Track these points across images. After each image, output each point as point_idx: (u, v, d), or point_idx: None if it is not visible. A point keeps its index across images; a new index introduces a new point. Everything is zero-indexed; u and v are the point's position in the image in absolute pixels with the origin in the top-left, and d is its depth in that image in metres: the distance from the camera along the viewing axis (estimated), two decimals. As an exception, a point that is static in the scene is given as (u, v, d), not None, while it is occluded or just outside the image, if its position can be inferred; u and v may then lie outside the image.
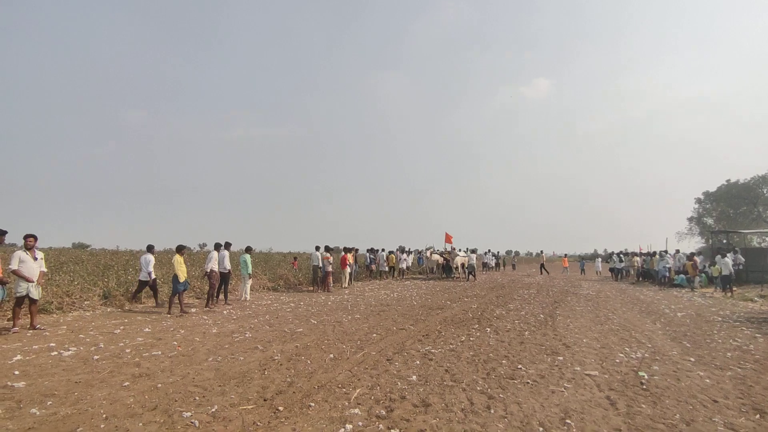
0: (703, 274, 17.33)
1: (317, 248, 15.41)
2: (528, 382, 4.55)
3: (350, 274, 17.19)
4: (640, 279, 21.22)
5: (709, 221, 47.79)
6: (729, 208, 45.65)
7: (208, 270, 10.40)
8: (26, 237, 6.98)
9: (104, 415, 3.50)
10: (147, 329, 7.31)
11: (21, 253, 6.80)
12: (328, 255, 15.18)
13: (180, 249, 9.81)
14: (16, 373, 4.64)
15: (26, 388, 4.16)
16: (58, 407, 3.67)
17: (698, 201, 49.60)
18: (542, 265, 29.34)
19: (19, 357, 5.28)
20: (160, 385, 4.30)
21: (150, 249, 10.56)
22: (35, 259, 6.94)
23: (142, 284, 10.24)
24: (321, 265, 15.05)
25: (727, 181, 46.10)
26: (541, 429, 3.37)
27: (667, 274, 18.13)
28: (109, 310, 9.60)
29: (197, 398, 3.95)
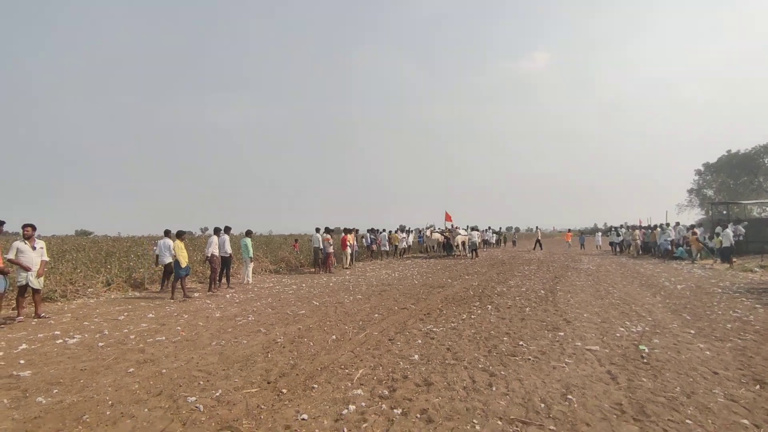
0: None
1: (317, 230, 15.41)
2: (529, 359, 4.58)
3: (351, 254, 17.24)
4: (640, 253, 21.26)
5: (709, 193, 47.67)
6: (729, 179, 45.45)
7: (209, 255, 10.41)
8: (24, 227, 6.95)
9: (110, 402, 3.54)
10: (151, 315, 7.35)
11: (19, 243, 6.79)
12: (329, 236, 15.18)
13: (180, 234, 9.80)
14: (22, 362, 4.67)
15: (32, 376, 4.20)
16: (64, 395, 3.70)
17: (698, 173, 49.35)
18: (538, 241, 29.36)
19: (24, 346, 5.31)
20: (164, 371, 4.34)
21: (167, 233, 10.58)
22: (34, 248, 6.92)
23: (169, 267, 10.35)
24: (322, 246, 15.07)
25: (728, 151, 45.75)
26: (542, 405, 3.40)
27: (669, 247, 18.16)
28: (113, 296, 9.66)
29: (201, 383, 3.99)
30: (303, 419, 3.18)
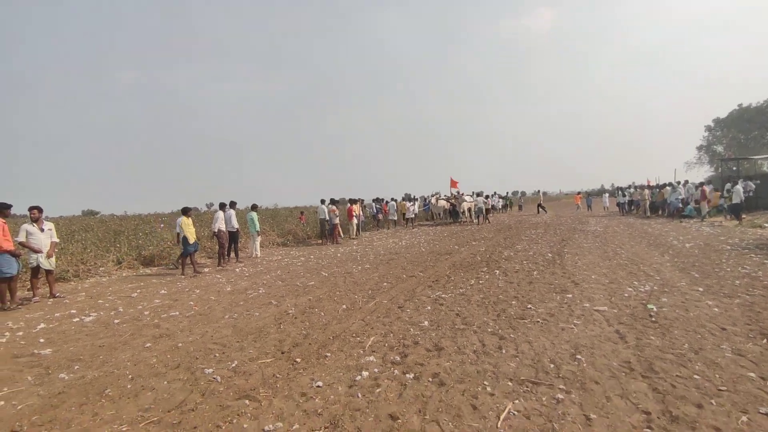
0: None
1: (323, 201, 15.43)
2: (538, 321, 4.63)
3: (357, 224, 17.30)
4: (648, 213, 21.04)
5: (719, 149, 46.88)
6: (740, 134, 44.58)
7: (216, 230, 10.49)
8: (31, 209, 6.98)
9: (130, 376, 3.65)
10: (163, 291, 7.49)
11: (28, 226, 6.84)
12: (334, 207, 15.20)
13: (186, 211, 9.82)
14: (42, 340, 4.80)
15: (53, 354, 4.32)
16: (85, 371, 3.82)
17: (708, 129, 48.38)
18: (540, 205, 29.18)
19: (42, 325, 5.45)
20: (180, 345, 4.44)
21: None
22: (42, 230, 6.99)
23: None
24: (328, 217, 15.13)
25: (739, 105, 44.64)
26: (552, 365, 3.46)
27: (680, 206, 17.95)
28: (124, 274, 9.82)
29: (217, 355, 4.08)
30: (318, 386, 3.26)
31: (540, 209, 28.48)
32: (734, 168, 25.96)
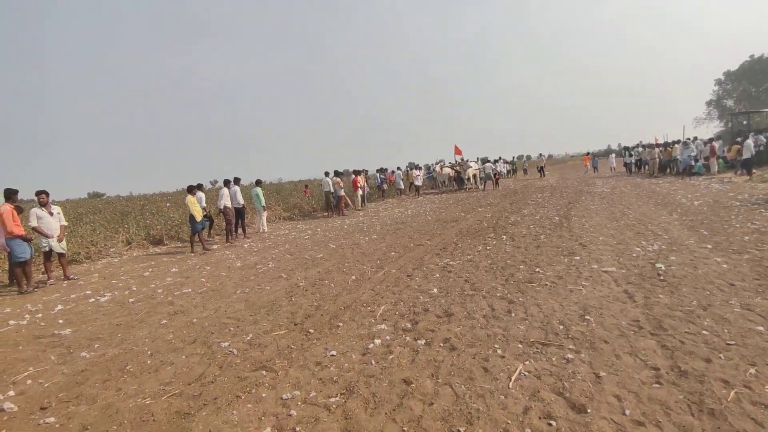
0: (720, 160, 16.92)
1: (327, 174, 15.37)
2: (546, 284, 4.66)
3: (362, 196, 17.28)
4: (656, 172, 20.67)
5: (729, 103, 45.69)
6: (751, 87, 43.31)
7: (222, 207, 10.52)
8: (38, 194, 7.00)
9: (149, 352, 3.75)
10: (174, 269, 7.60)
11: (37, 210, 6.89)
12: (339, 179, 15.15)
13: (191, 189, 9.84)
14: (60, 321, 4.92)
15: (72, 334, 4.44)
16: (105, 349, 3.92)
17: (718, 82, 47.03)
18: (542, 168, 28.92)
19: (60, 307, 5.58)
20: (195, 320, 4.54)
21: (199, 187, 10.70)
22: (51, 214, 7.04)
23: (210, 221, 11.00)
24: (332, 190, 15.11)
25: (751, 56, 43.15)
26: (561, 327, 3.50)
27: (692, 163, 17.59)
28: (135, 254, 9.95)
29: (232, 329, 4.18)
30: (332, 355, 3.34)
31: (541, 172, 28.29)
32: (744, 122, 25.36)
